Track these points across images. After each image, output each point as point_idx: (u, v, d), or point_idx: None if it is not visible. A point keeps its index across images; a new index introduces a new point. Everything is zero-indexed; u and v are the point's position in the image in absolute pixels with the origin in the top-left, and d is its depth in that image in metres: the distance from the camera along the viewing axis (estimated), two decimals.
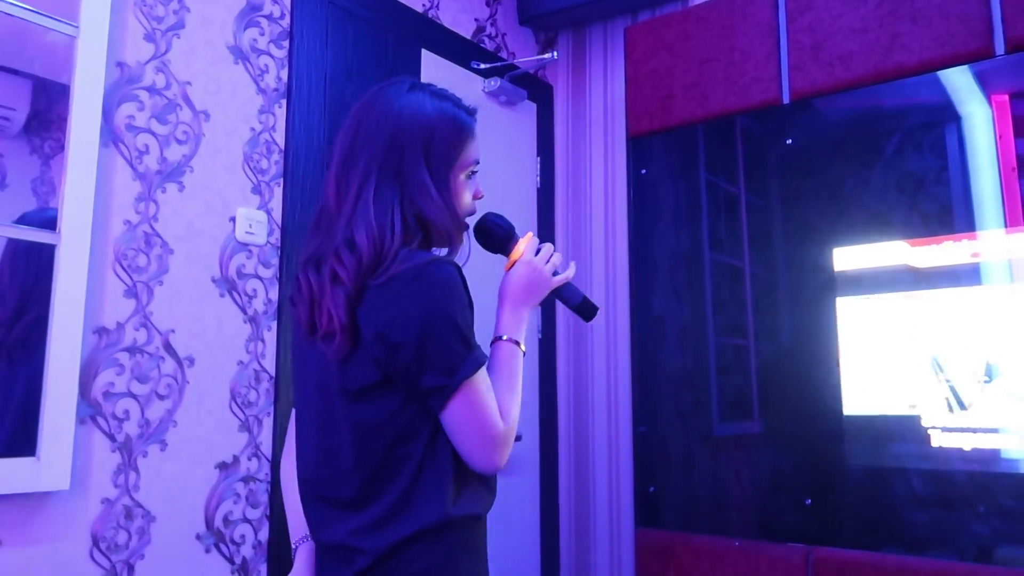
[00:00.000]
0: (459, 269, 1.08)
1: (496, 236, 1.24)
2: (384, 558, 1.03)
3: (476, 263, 1.23)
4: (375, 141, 1.11)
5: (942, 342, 1.89)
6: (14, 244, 1.48)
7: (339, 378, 1.07)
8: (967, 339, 1.86)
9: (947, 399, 1.86)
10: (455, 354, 1.03)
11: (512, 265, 1.22)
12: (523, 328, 1.18)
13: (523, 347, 1.16)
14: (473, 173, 1.19)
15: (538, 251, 1.23)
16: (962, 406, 1.84)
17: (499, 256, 1.27)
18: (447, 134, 1.13)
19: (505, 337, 1.15)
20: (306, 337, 1.12)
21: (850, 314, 2.01)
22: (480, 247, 1.26)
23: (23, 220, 1.50)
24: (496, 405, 1.06)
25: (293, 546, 1.19)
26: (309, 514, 1.13)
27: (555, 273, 1.23)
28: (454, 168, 1.14)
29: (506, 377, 1.12)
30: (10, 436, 1.45)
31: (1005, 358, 1.81)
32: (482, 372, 1.06)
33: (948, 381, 1.87)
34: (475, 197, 1.20)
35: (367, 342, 1.04)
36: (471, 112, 1.19)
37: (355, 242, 1.05)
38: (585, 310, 1.27)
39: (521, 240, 1.24)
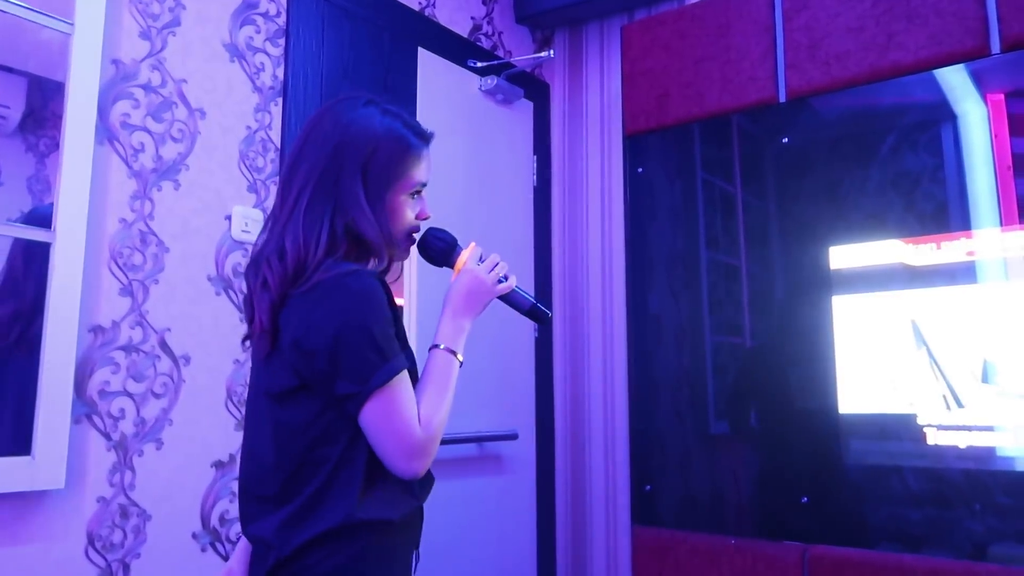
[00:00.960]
0: (382, 281, 1.10)
1: (436, 250, 1.26)
2: (291, 558, 1.05)
3: (445, 276, 1.24)
4: (319, 152, 1.14)
5: (938, 340, 1.89)
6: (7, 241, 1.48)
7: (266, 381, 1.11)
8: (962, 337, 1.86)
9: (943, 397, 1.87)
10: (368, 363, 1.05)
11: (456, 275, 1.24)
12: (462, 337, 1.19)
13: (460, 356, 1.17)
14: (417, 194, 1.20)
15: (482, 260, 1.25)
16: (958, 404, 1.85)
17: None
18: (389, 152, 1.15)
19: (442, 346, 1.16)
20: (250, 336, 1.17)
21: (846, 312, 2.02)
22: (427, 263, 1.28)
23: (30, 216, 1.50)
24: (415, 412, 1.07)
25: (236, 537, 1.22)
26: (241, 507, 1.16)
27: (500, 281, 1.24)
28: (393, 187, 1.16)
29: (434, 385, 1.13)
30: (5, 435, 1.45)
31: (1000, 356, 1.81)
32: (400, 380, 1.07)
33: (944, 379, 1.87)
34: (419, 217, 1.21)
35: (285, 349, 1.07)
36: (422, 135, 1.20)
37: (284, 250, 1.09)
38: (536, 315, 1.28)
39: (464, 251, 1.26)
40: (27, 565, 1.47)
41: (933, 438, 1.87)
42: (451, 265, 1.26)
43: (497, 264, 1.25)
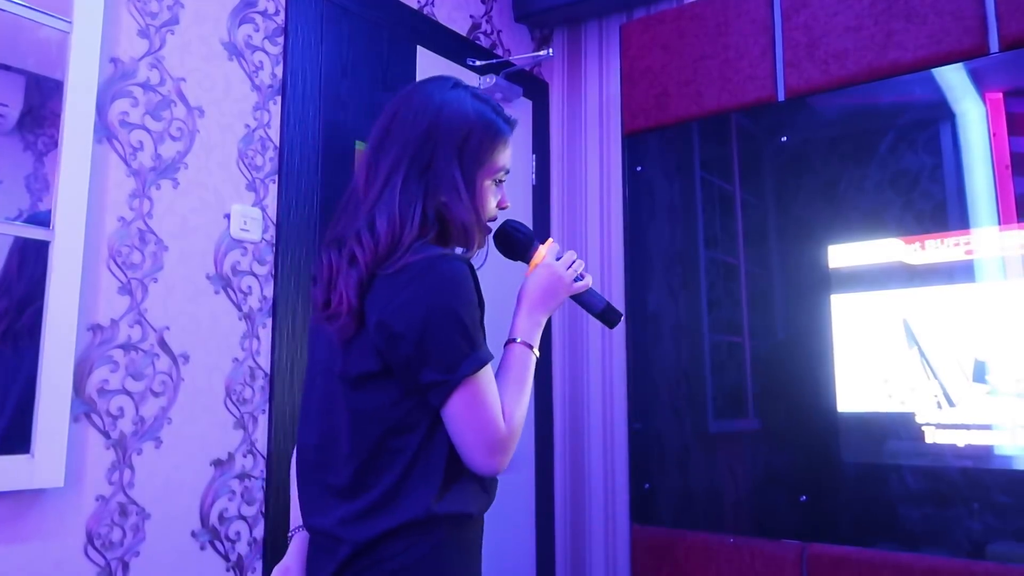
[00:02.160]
0: (471, 267, 1.07)
1: (516, 242, 1.24)
2: (365, 550, 1.02)
3: (499, 271, 1.22)
4: (410, 132, 1.11)
5: (936, 339, 1.89)
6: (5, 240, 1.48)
7: (341, 364, 1.07)
8: (961, 336, 1.86)
9: (941, 396, 1.87)
10: (457, 350, 1.02)
11: (533, 270, 1.22)
12: (538, 332, 1.16)
13: (536, 352, 1.15)
14: (501, 181, 1.19)
15: (559, 257, 1.23)
16: (956, 403, 1.85)
17: (520, 264, 1.26)
18: (482, 136, 1.13)
19: (519, 340, 1.14)
20: (320, 318, 1.11)
21: (844, 311, 2.02)
22: (501, 256, 1.25)
23: (32, 219, 1.50)
24: (499, 406, 1.05)
25: (289, 534, 1.20)
26: (303, 497, 1.13)
27: (577, 280, 1.22)
28: (483, 170, 1.14)
29: (514, 380, 1.10)
30: (4, 433, 1.45)
31: (998, 355, 1.82)
32: (486, 371, 1.04)
33: (942, 378, 1.88)
34: (500, 206, 1.21)
35: (370, 329, 1.03)
36: (510, 121, 1.19)
37: (375, 227, 1.05)
38: (609, 316, 1.26)
39: (542, 246, 1.24)
40: (26, 563, 1.47)
41: (931, 437, 1.87)
42: (527, 259, 1.23)
43: (574, 262, 1.23)
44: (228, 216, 1.85)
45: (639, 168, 2.46)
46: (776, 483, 2.10)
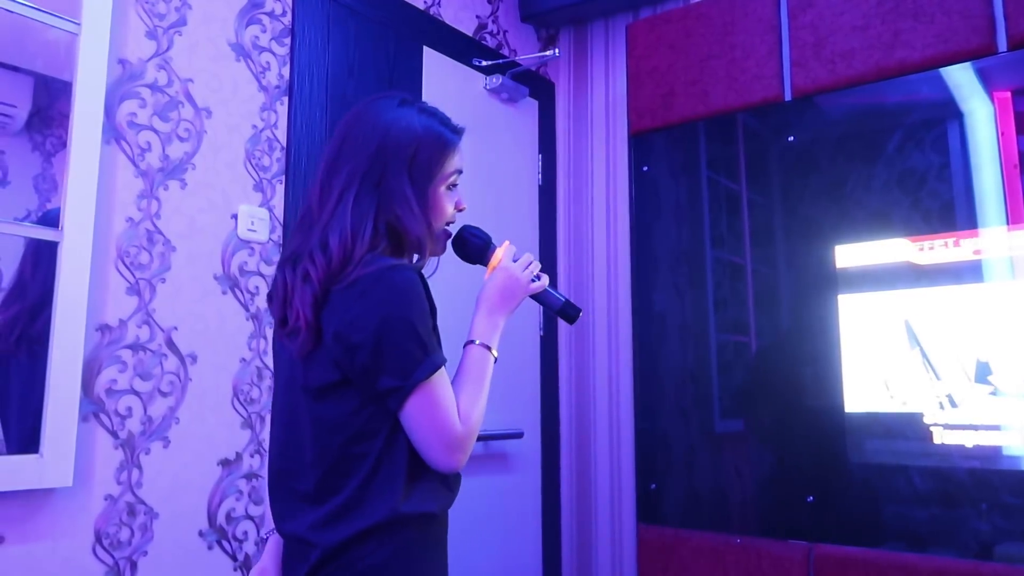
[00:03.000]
0: (421, 276, 1.12)
1: (473, 246, 1.28)
2: (335, 553, 1.06)
3: (466, 274, 1.24)
4: (360, 152, 1.15)
5: (944, 339, 1.89)
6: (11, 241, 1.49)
7: (303, 376, 1.12)
8: (969, 336, 1.86)
9: (949, 396, 1.86)
10: (411, 357, 1.06)
11: (491, 272, 1.26)
12: (496, 334, 1.21)
13: (495, 352, 1.19)
14: (454, 185, 1.23)
15: (516, 259, 1.27)
16: (964, 403, 1.84)
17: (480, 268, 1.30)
18: (431, 150, 1.18)
19: (477, 342, 1.18)
20: (280, 334, 1.16)
21: (852, 311, 2.01)
22: (461, 260, 1.29)
23: (43, 219, 1.51)
24: (454, 407, 1.09)
25: (264, 535, 1.22)
26: (274, 504, 1.17)
27: (534, 280, 1.26)
28: (435, 181, 1.19)
29: (470, 380, 1.15)
30: (14, 433, 1.46)
31: (1007, 355, 1.81)
32: (440, 375, 1.08)
33: (950, 378, 1.87)
34: (457, 209, 1.24)
35: (328, 342, 1.08)
36: (457, 130, 1.24)
37: (328, 244, 1.10)
38: (568, 312, 1.30)
39: (499, 248, 1.28)
40: (35, 562, 1.48)
41: (939, 437, 1.86)
42: (484, 263, 1.27)
43: (531, 263, 1.27)
44: (235, 216, 1.86)
45: (645, 168, 2.46)
46: (783, 483, 2.10)
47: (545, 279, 1.28)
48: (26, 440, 1.46)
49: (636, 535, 2.32)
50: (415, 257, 1.19)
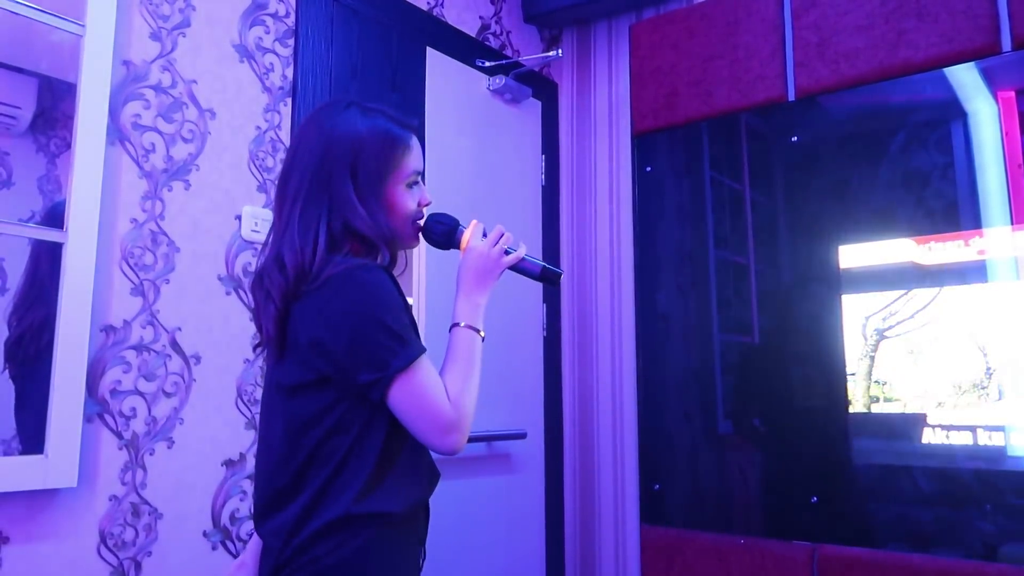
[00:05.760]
0: (389, 273, 1.13)
1: (439, 233, 1.28)
2: (299, 550, 1.07)
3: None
4: (307, 160, 1.16)
5: (948, 339, 1.88)
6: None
7: (277, 376, 1.14)
8: (973, 336, 1.85)
9: (954, 396, 1.86)
10: (386, 350, 1.07)
11: (463, 254, 1.26)
12: (479, 313, 1.21)
13: (481, 332, 1.20)
14: (414, 183, 1.23)
15: (485, 235, 1.27)
16: (969, 404, 1.84)
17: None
18: (378, 149, 1.18)
19: (462, 324, 1.19)
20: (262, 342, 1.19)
21: (855, 311, 2.01)
22: (435, 248, 1.30)
23: (51, 211, 1.51)
24: (442, 391, 1.10)
25: (248, 535, 1.24)
26: (255, 503, 1.18)
27: (508, 253, 1.26)
28: (387, 180, 1.18)
29: (458, 361, 1.16)
30: (18, 434, 1.46)
31: (1012, 355, 1.81)
32: (420, 362, 1.09)
33: (955, 378, 1.87)
34: (420, 204, 1.24)
35: (303, 348, 1.09)
36: (406, 125, 1.23)
37: (283, 260, 1.11)
38: (548, 277, 1.31)
39: (466, 229, 1.28)
40: (40, 563, 1.48)
41: (943, 438, 1.86)
42: (458, 246, 1.28)
43: (502, 236, 1.26)
44: (239, 217, 1.86)
45: (648, 168, 2.46)
46: (787, 484, 2.09)
47: (522, 249, 1.28)
48: (31, 440, 1.46)
49: (640, 536, 2.31)
50: (385, 254, 1.18)
